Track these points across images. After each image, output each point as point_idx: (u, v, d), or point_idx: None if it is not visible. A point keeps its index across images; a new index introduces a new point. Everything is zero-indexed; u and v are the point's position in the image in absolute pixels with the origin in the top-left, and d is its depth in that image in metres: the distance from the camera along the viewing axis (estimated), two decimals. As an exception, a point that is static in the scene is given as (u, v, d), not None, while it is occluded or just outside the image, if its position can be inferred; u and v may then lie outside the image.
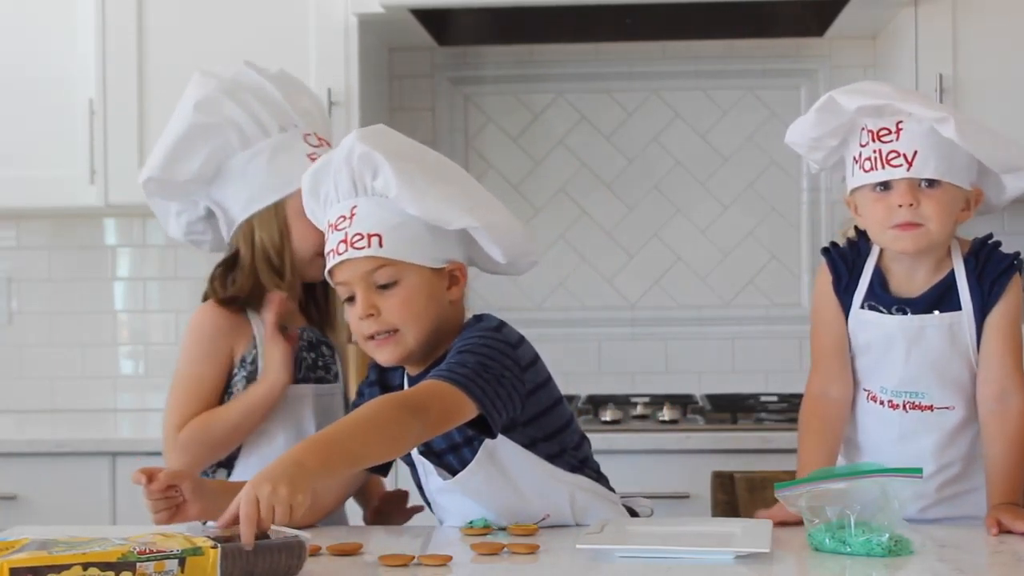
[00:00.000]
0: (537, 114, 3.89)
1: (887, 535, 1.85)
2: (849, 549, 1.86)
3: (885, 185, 2.12)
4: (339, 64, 3.46)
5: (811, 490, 1.91)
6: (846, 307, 2.20)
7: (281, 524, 1.72)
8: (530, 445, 2.08)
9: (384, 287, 2.02)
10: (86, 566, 1.52)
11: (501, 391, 1.98)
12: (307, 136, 2.33)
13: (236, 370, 2.31)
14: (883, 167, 2.11)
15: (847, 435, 2.23)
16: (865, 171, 2.13)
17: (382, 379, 2.17)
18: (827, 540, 1.88)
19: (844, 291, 2.20)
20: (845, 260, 2.21)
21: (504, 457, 2.05)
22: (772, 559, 1.86)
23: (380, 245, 2.00)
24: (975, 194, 2.17)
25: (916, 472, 1.89)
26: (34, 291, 3.93)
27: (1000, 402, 2.13)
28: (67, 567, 1.51)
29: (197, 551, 1.60)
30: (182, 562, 1.58)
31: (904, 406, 2.16)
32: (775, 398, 3.60)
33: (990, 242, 2.19)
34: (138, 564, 1.55)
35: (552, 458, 2.11)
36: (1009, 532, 2.02)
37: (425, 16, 3.48)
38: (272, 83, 2.33)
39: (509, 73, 3.89)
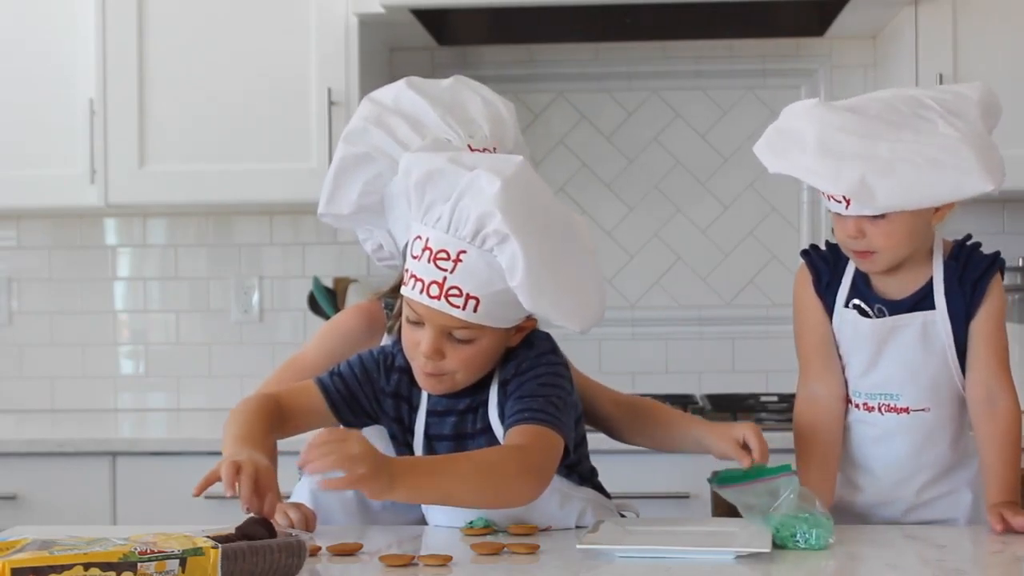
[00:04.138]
0: (537, 114, 3.89)
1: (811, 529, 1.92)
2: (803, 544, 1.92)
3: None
4: (339, 64, 3.46)
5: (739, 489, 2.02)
6: (829, 306, 2.19)
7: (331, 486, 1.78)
8: None
9: (459, 340, 1.97)
10: (87, 566, 1.52)
11: (570, 420, 2.02)
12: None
13: None
14: (828, 198, 2.10)
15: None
16: (821, 192, 2.11)
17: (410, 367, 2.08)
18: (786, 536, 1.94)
19: (826, 289, 2.19)
20: (826, 261, 2.21)
21: None
22: (772, 559, 1.86)
23: (475, 310, 1.93)
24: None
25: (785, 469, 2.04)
26: (34, 291, 3.93)
27: (988, 404, 2.13)
28: (68, 567, 1.51)
29: (198, 551, 1.60)
30: (183, 562, 1.58)
31: (879, 408, 2.17)
32: (775, 398, 3.60)
33: (969, 243, 2.17)
34: (139, 564, 1.55)
35: (569, 469, 2.10)
36: (1011, 531, 2.02)
37: (425, 16, 3.48)
38: (429, 100, 2.22)
39: (509, 73, 3.89)
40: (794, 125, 2.09)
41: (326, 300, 3.67)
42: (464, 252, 1.91)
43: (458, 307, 1.93)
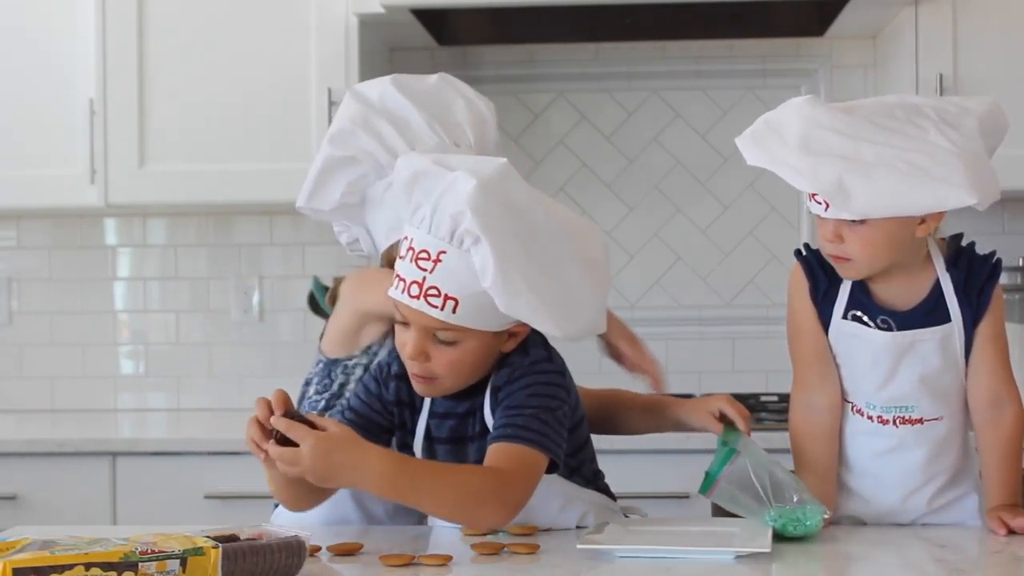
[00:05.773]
0: (537, 114, 3.89)
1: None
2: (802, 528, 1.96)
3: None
4: (339, 64, 3.46)
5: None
6: (825, 316, 2.13)
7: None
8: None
9: (442, 341, 1.96)
10: (88, 566, 1.52)
11: (561, 430, 1.99)
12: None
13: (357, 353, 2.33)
14: (810, 199, 2.05)
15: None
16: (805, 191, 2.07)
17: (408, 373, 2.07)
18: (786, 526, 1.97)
19: (823, 299, 2.13)
20: (823, 267, 2.13)
21: None
22: (772, 559, 1.86)
23: (454, 311, 1.91)
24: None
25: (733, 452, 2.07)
26: (34, 291, 3.93)
27: (995, 409, 2.10)
28: (70, 567, 1.51)
29: (199, 551, 1.60)
30: (183, 562, 1.59)
31: (894, 421, 2.12)
32: (775, 398, 3.60)
33: (964, 245, 2.13)
34: (140, 564, 1.55)
35: (571, 472, 2.10)
36: (1013, 533, 2.02)
37: (425, 16, 3.48)
38: (416, 103, 2.20)
39: (509, 73, 3.89)
40: (782, 118, 2.06)
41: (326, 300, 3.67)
42: (444, 252, 1.90)
43: (436, 307, 1.92)
